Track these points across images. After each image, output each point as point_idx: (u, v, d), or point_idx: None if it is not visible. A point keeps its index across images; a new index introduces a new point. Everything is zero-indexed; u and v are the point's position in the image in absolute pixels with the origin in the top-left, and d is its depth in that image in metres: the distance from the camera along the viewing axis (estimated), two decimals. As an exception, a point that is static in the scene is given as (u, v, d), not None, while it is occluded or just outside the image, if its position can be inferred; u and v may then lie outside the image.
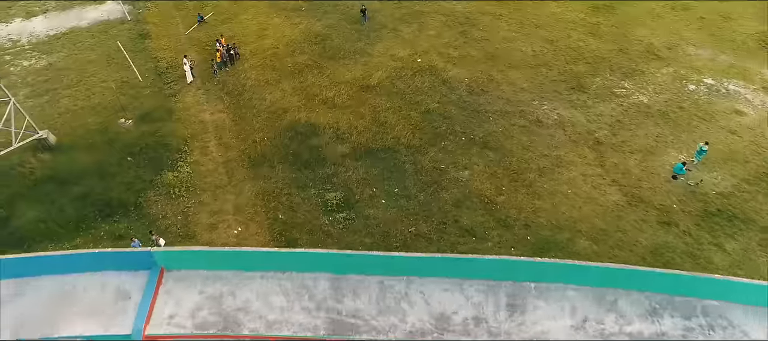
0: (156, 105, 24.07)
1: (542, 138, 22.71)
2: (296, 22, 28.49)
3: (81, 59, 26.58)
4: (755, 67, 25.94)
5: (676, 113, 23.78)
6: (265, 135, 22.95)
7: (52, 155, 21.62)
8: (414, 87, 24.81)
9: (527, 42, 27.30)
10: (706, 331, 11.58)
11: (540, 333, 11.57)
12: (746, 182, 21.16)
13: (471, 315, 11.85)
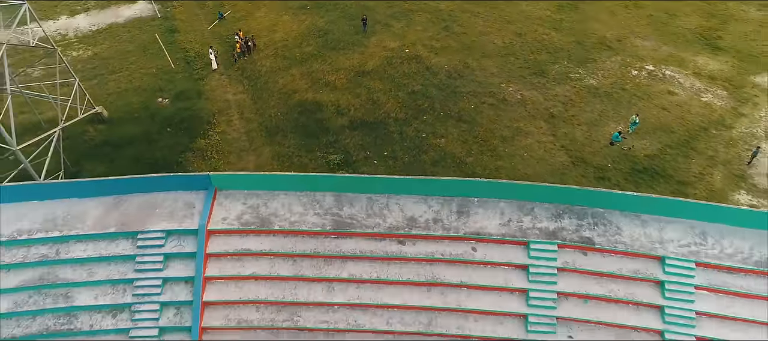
0: (187, 87, 30.37)
1: (506, 113, 28.97)
2: (302, 19, 34.84)
3: (121, 50, 32.93)
4: (690, 56, 32.28)
5: (618, 94, 30.06)
6: (279, 111, 29.24)
7: (107, 127, 27.92)
8: (402, 72, 31.10)
9: (499, 36, 33.60)
10: (592, 226, 17.80)
11: (479, 228, 17.80)
12: (669, 147, 27.42)
13: (431, 218, 18.07)
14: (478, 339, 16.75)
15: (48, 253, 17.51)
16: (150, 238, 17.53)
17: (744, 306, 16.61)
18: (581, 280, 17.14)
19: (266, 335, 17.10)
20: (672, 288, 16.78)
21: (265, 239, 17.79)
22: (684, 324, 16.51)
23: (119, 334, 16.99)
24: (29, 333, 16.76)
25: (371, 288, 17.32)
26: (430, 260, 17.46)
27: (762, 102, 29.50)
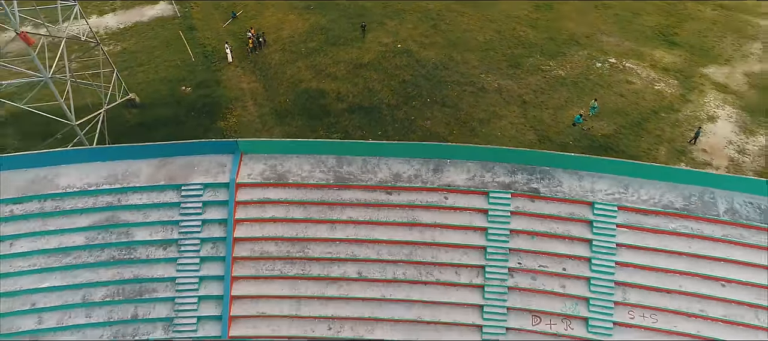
0: (207, 77, 36.31)
1: (484, 99, 34.85)
2: (306, 18, 40.82)
3: (147, 45, 38.92)
4: (648, 50, 38.21)
5: (583, 82, 35.94)
6: (287, 97, 35.14)
7: (139, 111, 33.83)
8: (394, 65, 37.01)
9: (481, 32, 39.55)
10: (539, 180, 23.65)
11: (450, 181, 23.66)
12: (624, 127, 33.25)
13: (413, 174, 23.94)
14: (445, 266, 22.57)
15: (112, 201, 23.40)
16: (191, 189, 23.42)
17: (654, 239, 22.43)
18: (529, 221, 22.98)
19: (282, 264, 22.95)
20: (599, 225, 22.63)
21: (281, 190, 23.68)
22: (607, 253, 22.35)
23: (169, 263, 22.83)
24: (99, 261, 22.61)
25: (365, 228, 23.18)
26: (411, 206, 23.32)
27: (707, 90, 35.40)
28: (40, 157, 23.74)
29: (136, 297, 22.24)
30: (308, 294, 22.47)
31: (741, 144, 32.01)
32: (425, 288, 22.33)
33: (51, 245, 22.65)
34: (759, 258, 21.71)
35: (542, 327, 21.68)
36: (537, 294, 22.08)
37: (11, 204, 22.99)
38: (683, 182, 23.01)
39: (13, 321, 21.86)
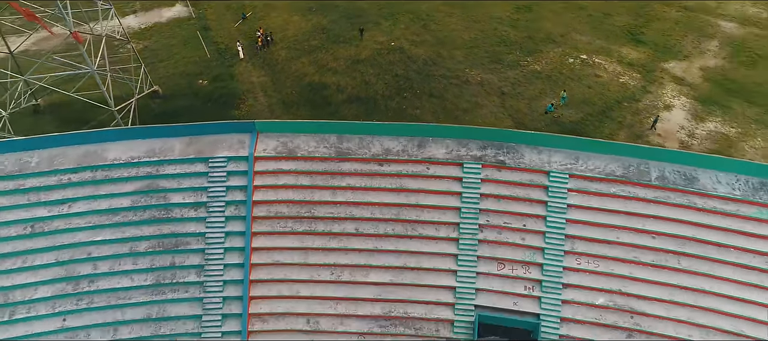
0: (221, 72, 42.59)
1: (468, 91, 41.05)
2: (309, 19, 47.10)
3: (166, 44, 45.23)
4: (616, 48, 44.46)
5: (556, 76, 42.15)
6: (293, 89, 41.38)
7: (163, 101, 40.09)
8: (388, 61, 43.23)
9: (467, 32, 45.80)
10: (505, 153, 29.81)
11: (431, 155, 29.85)
12: (590, 115, 39.43)
13: (400, 149, 30.12)
14: (427, 224, 28.73)
15: (151, 171, 29.60)
16: (217, 161, 29.62)
17: (598, 200, 28.54)
18: (496, 186, 29.14)
19: (293, 222, 29.09)
20: (553, 190, 28.78)
21: (291, 162, 29.87)
22: (559, 212, 28.49)
23: (199, 221, 29.00)
24: (142, 219, 28.79)
25: (361, 193, 29.35)
26: (399, 175, 29.50)
27: (666, 82, 41.66)
28: (92, 135, 29.99)
29: (173, 248, 28.43)
30: (314, 246, 28.64)
31: (691, 129, 38.24)
32: (410, 241, 28.49)
33: (102, 207, 28.83)
34: (683, 215, 27.87)
35: (505, 272, 27.84)
36: (502, 245, 28.23)
37: (69, 173, 29.20)
38: (623, 155, 29.19)
39: (73, 267, 28.04)
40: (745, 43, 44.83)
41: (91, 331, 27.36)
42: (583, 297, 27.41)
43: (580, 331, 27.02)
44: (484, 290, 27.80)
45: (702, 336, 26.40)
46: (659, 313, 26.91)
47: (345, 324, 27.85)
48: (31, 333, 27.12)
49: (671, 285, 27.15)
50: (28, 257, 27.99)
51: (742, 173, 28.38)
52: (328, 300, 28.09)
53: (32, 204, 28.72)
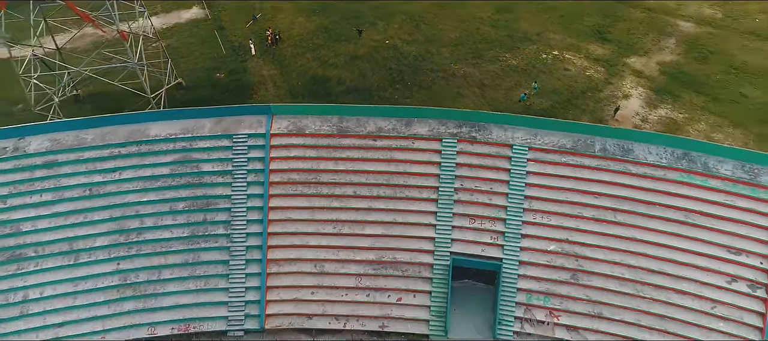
0: (235, 66, 51.27)
1: (453, 83, 49.65)
2: (313, 20, 55.81)
3: (186, 42, 53.96)
4: (585, 45, 53.13)
5: (530, 70, 50.76)
6: (299, 82, 50.02)
7: (186, 91, 48.73)
8: (383, 56, 51.89)
9: (453, 31, 54.49)
10: (477, 131, 38.40)
11: (416, 132, 38.45)
12: (558, 103, 48.02)
13: (391, 127, 38.70)
14: (412, 187, 37.26)
15: (185, 145, 38.18)
16: (240, 137, 38.19)
17: (552, 168, 37.05)
18: (469, 157, 37.67)
19: (302, 187, 37.62)
20: (516, 159, 37.29)
21: (300, 138, 38.44)
22: (520, 177, 37.01)
23: (226, 186, 37.53)
24: (179, 184, 37.33)
25: (358, 163, 37.89)
26: (390, 148, 38.07)
27: (626, 75, 50.23)
28: (137, 116, 38.62)
29: (204, 208, 36.97)
30: (320, 206, 37.18)
31: (645, 115, 46.80)
32: (398, 201, 37.00)
33: (146, 174, 37.40)
34: (619, 179, 36.34)
35: (476, 226, 36.34)
36: (473, 205, 36.74)
37: (119, 147, 37.77)
38: (573, 132, 37.72)
39: (124, 222, 36.57)
40: (699, 40, 53.49)
41: (140, 273, 35.87)
42: (538, 245, 35.88)
43: (535, 271, 35.50)
44: (458, 240, 36.28)
45: (632, 275, 34.83)
46: (598, 257, 35.36)
47: (345, 267, 36.34)
48: (91, 274, 35.61)
49: (608, 235, 35.60)
50: (88, 213, 36.52)
51: (669, 146, 36.91)
52: (331, 248, 36.59)
53: (89, 172, 37.28)
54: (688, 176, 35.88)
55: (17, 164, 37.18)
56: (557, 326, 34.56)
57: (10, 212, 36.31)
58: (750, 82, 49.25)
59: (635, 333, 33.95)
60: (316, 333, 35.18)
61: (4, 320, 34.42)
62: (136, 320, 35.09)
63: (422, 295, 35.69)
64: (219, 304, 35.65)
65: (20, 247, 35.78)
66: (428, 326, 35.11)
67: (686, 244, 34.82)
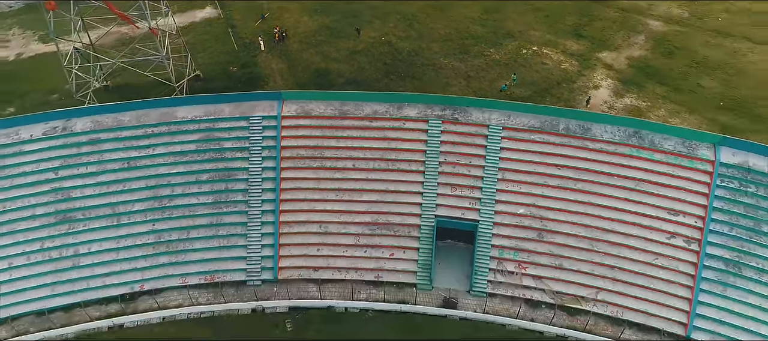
0: (247, 60, 60.36)
1: (441, 75, 58.61)
2: (316, 19, 64.89)
3: (201, 39, 63.11)
4: (562, 41, 62.14)
5: (512, 64, 59.72)
6: (304, 74, 59.03)
7: (203, 82, 57.80)
8: (379, 52, 60.92)
9: (443, 29, 63.52)
10: (459, 113, 47.32)
11: (406, 114, 47.41)
12: (535, 92, 56.92)
13: (384, 110, 47.62)
14: (402, 161, 46.16)
15: (209, 125, 47.18)
16: (255, 119, 47.18)
17: (523, 144, 45.99)
18: (452, 135, 46.62)
19: (309, 161, 46.54)
20: (491, 137, 46.22)
21: (307, 120, 47.43)
22: (495, 153, 45.92)
23: (244, 160, 46.45)
24: (204, 158, 46.27)
25: (356, 140, 46.83)
26: (384, 128, 47.04)
27: (598, 68, 59.14)
28: (167, 101, 47.64)
29: (225, 178, 45.90)
30: (324, 176, 46.09)
31: (612, 103, 55.66)
32: (391, 173, 45.88)
33: (176, 150, 46.36)
34: (580, 153, 45.20)
35: (457, 193, 45.19)
36: (455, 175, 45.62)
37: (152, 127, 46.74)
38: (541, 114, 46.61)
39: (157, 190, 45.51)
40: (667, 37, 62.45)
41: (172, 232, 44.78)
42: (509, 209, 44.72)
43: (506, 231, 44.32)
44: (442, 205, 45.14)
45: (588, 233, 43.62)
46: (560, 219, 44.18)
47: (346, 228, 45.20)
48: (130, 233, 44.51)
49: (569, 200, 44.43)
50: (127, 183, 45.48)
51: (622, 125, 45.79)
52: (334, 212, 45.47)
53: (127, 148, 46.25)
54: (637, 150, 44.72)
55: (66, 142, 46.12)
56: (525, 276, 43.32)
57: (62, 181, 45.20)
58: (708, 75, 58.06)
59: (590, 280, 42.69)
60: (321, 282, 43.90)
61: (61, 270, 43.29)
62: (170, 271, 43.91)
63: (411, 251, 44.50)
64: (239, 259, 44.49)
65: (70, 211, 44.66)
66: (416, 277, 43.91)
67: (634, 207, 43.60)
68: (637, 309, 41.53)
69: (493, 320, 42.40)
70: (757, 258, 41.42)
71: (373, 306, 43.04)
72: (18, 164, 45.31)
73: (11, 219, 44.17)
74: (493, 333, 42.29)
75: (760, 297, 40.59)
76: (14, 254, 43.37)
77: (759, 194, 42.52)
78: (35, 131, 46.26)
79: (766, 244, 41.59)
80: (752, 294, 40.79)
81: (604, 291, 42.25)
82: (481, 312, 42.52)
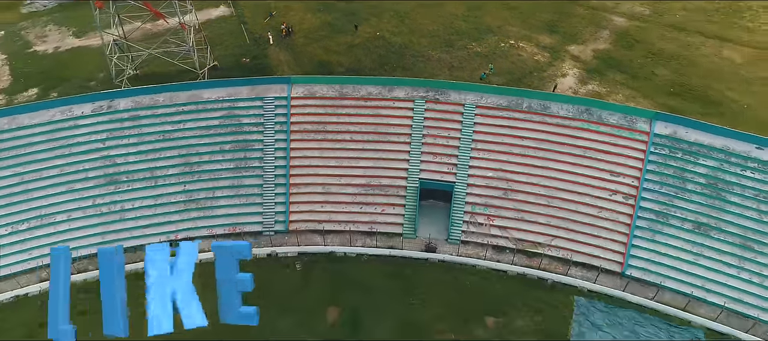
0: (257, 53, 74.01)
1: (429, 65, 72.22)
2: (318, 16, 78.61)
3: (217, 33, 76.81)
4: (536, 36, 75.77)
5: (491, 55, 73.37)
6: (308, 65, 72.67)
7: (220, 71, 71.39)
8: (374, 45, 74.54)
9: (432, 25, 77.20)
10: (440, 94, 60.76)
11: (396, 95, 60.85)
12: (510, 81, 70.49)
13: (377, 92, 61.09)
14: (392, 134, 59.53)
15: (230, 104, 60.72)
16: (269, 99, 60.69)
17: (493, 120, 59.38)
18: (434, 113, 60.06)
19: (314, 134, 59.96)
20: (466, 114, 59.66)
21: (312, 100, 60.97)
22: (469, 127, 59.29)
23: (259, 133, 59.88)
24: (226, 131, 59.70)
25: (353, 117, 60.30)
26: (376, 107, 60.51)
27: (566, 59, 72.68)
28: (195, 84, 61.07)
29: (244, 148, 59.30)
30: (326, 147, 59.47)
31: (576, 89, 69.10)
32: (382, 143, 59.25)
33: (202, 124, 59.80)
34: (540, 127, 58.57)
35: (437, 160, 58.50)
36: (435, 145, 58.97)
37: (182, 106, 60.21)
38: (508, 95, 60.02)
39: (187, 158, 58.88)
40: (629, 32, 76.00)
41: (201, 192, 58.02)
42: (480, 173, 57.98)
43: (478, 190, 57.55)
44: (425, 170, 58.43)
45: (546, 192, 56.80)
46: (522, 180, 57.42)
47: (345, 189, 58.48)
48: (165, 193, 57.81)
49: (530, 165, 57.69)
50: (162, 151, 58.86)
51: (575, 104, 59.14)
52: (335, 176, 58.77)
53: (162, 123, 59.66)
54: (587, 124, 58.00)
55: (111, 118, 59.56)
56: (492, 226, 56.48)
57: (108, 150, 58.56)
58: (662, 65, 71.53)
59: (546, 229, 55.82)
60: (324, 232, 57.07)
61: (109, 222, 56.52)
62: (199, 224, 57.13)
63: (399, 207, 57.70)
64: (256, 213, 57.74)
65: (116, 174, 57.99)
66: (402, 228, 57.09)
67: (583, 170, 56.80)
68: (583, 252, 54.54)
69: (466, 261, 55.40)
70: (681, 209, 54.46)
71: (367, 251, 56.06)
72: (73, 135, 58.57)
73: (69, 180, 57.36)
74: (465, 272, 55.28)
75: (682, 241, 53.60)
76: (72, 209, 56.53)
77: (684, 159, 55.67)
78: (86, 109, 59.64)
79: (688, 199, 54.67)
80: (676, 239, 53.77)
81: (557, 237, 55.28)
82: (456, 256, 55.55)
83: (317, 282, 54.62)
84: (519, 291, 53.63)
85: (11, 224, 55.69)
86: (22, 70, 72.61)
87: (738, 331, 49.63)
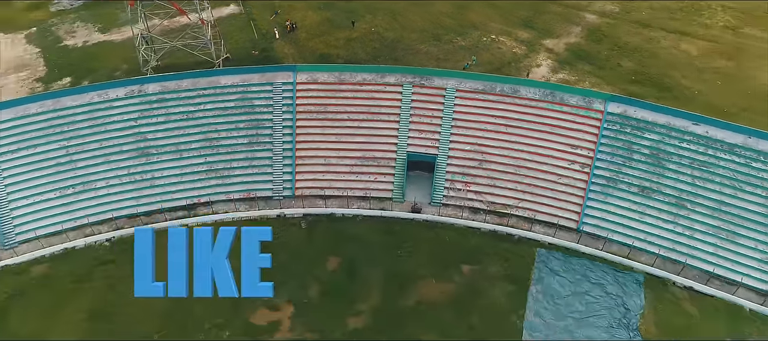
0: (265, 46, 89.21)
1: (418, 57, 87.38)
2: (319, 14, 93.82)
3: (228, 29, 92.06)
4: (515, 31, 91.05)
5: (474, 48, 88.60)
6: (310, 56, 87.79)
7: (232, 62, 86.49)
8: (369, 39, 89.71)
9: (421, 22, 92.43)
10: (425, 80, 75.63)
11: (386, 81, 75.85)
12: (490, 70, 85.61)
13: (371, 78, 76.14)
14: (383, 114, 74.44)
15: (244, 89, 75.81)
16: (277, 84, 75.76)
17: (471, 103, 74.33)
18: (419, 95, 75.06)
19: (316, 114, 74.89)
20: (448, 98, 74.63)
21: (315, 85, 76.04)
22: (450, 108, 74.23)
23: (269, 113, 74.83)
24: (240, 112, 74.65)
25: (350, 100, 75.36)
26: (370, 91, 75.62)
27: (541, 52, 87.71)
28: (213, 72, 76.16)
29: (256, 126, 74.29)
30: (327, 125, 74.43)
31: (548, 77, 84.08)
32: (375, 122, 74.19)
33: (219, 107, 74.82)
34: (511, 108, 73.48)
35: (422, 135, 73.35)
36: (421, 124, 73.89)
37: (202, 90, 75.26)
38: (483, 80, 74.99)
39: (207, 134, 73.91)
40: (599, 28, 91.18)
41: (220, 163, 72.87)
42: (460, 146, 72.84)
43: (457, 161, 72.39)
44: (411, 144, 73.26)
45: (515, 162, 71.57)
46: (495, 152, 72.28)
47: (342, 161, 73.38)
48: (189, 164, 72.67)
49: (502, 140, 72.57)
50: (186, 128, 73.84)
51: (542, 88, 74.11)
52: (335, 149, 73.70)
53: (185, 104, 74.68)
54: (551, 105, 72.94)
55: (142, 100, 74.58)
56: (469, 192, 71.21)
57: (140, 128, 73.56)
58: (626, 57, 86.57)
59: (514, 193, 70.54)
60: (326, 197, 71.83)
61: (142, 188, 71.36)
62: (218, 190, 72.02)
63: (389, 176, 72.58)
64: (267, 181, 72.63)
65: (147, 147, 72.92)
66: (392, 193, 71.86)
67: (546, 144, 71.68)
68: (545, 212, 69.24)
69: (446, 220, 70.10)
70: (628, 175, 69.22)
71: (362, 213, 70.79)
72: (109, 114, 73.52)
73: (106, 153, 72.21)
74: (445, 229, 69.89)
75: (628, 202, 68.34)
76: (110, 177, 71.40)
77: (632, 133, 70.51)
78: (120, 92, 74.61)
79: (634, 167, 69.45)
80: (623, 200, 68.51)
81: (523, 200, 70.02)
82: (438, 216, 70.25)
83: (320, 237, 69.29)
84: (490, 244, 68.24)
85: (60, 189, 70.42)
86: (55, 61, 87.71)
87: (671, 274, 64.11)
